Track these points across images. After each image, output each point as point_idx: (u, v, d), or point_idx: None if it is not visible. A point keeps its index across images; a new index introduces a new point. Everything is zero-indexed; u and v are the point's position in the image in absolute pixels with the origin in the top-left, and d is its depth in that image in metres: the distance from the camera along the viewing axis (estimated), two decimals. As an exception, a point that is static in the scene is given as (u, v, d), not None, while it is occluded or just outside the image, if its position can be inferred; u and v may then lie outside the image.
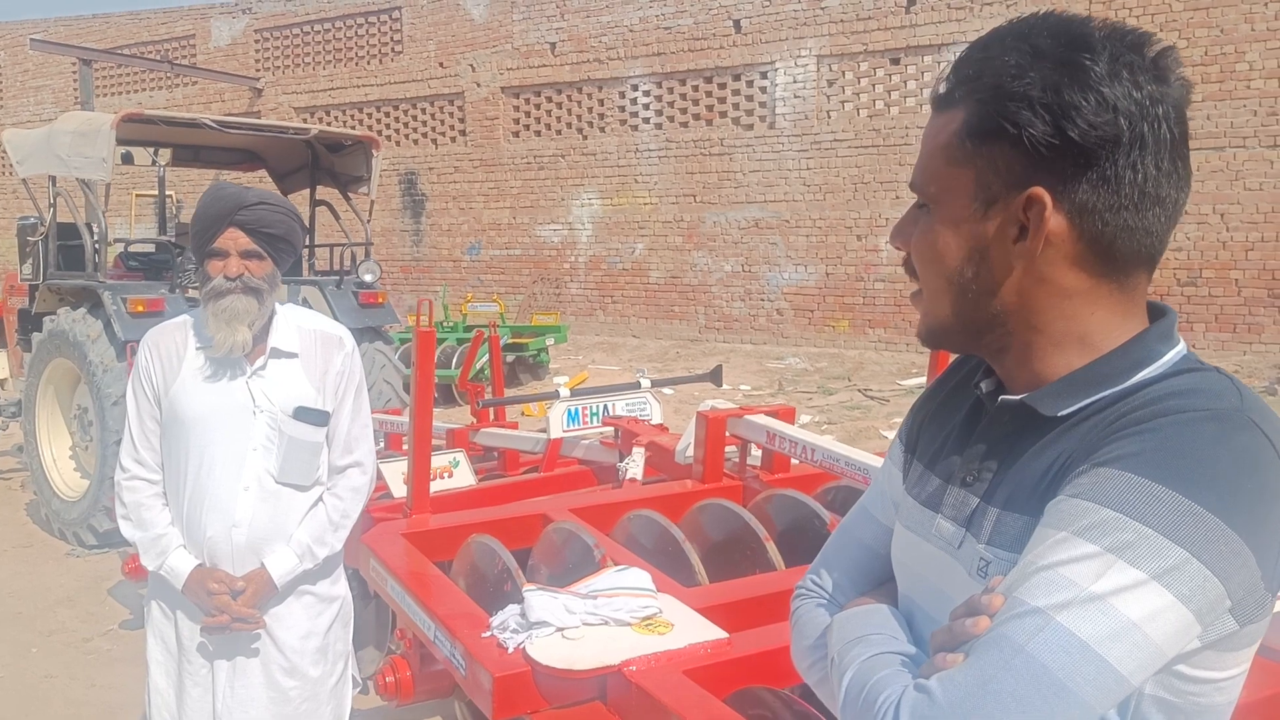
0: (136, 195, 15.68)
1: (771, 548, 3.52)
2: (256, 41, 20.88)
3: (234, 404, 2.70)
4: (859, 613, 1.26)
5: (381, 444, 6.06)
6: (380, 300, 8.13)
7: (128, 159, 9.12)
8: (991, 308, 1.14)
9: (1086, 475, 1.02)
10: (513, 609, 2.86)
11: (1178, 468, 0.98)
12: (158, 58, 20.72)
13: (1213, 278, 12.63)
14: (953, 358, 1.37)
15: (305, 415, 2.73)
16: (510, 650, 2.68)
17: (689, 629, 2.77)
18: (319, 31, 20.09)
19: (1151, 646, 0.96)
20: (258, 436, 2.70)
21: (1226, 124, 12.41)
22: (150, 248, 9.51)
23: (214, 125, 7.74)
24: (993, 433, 1.19)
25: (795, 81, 15.22)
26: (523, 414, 10.40)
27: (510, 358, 13.07)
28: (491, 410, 6.33)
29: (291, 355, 2.77)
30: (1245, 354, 12.30)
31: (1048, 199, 1.07)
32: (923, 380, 11.18)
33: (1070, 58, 1.06)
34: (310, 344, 2.81)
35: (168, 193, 9.88)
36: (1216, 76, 12.44)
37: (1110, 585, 0.95)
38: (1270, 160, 12.19)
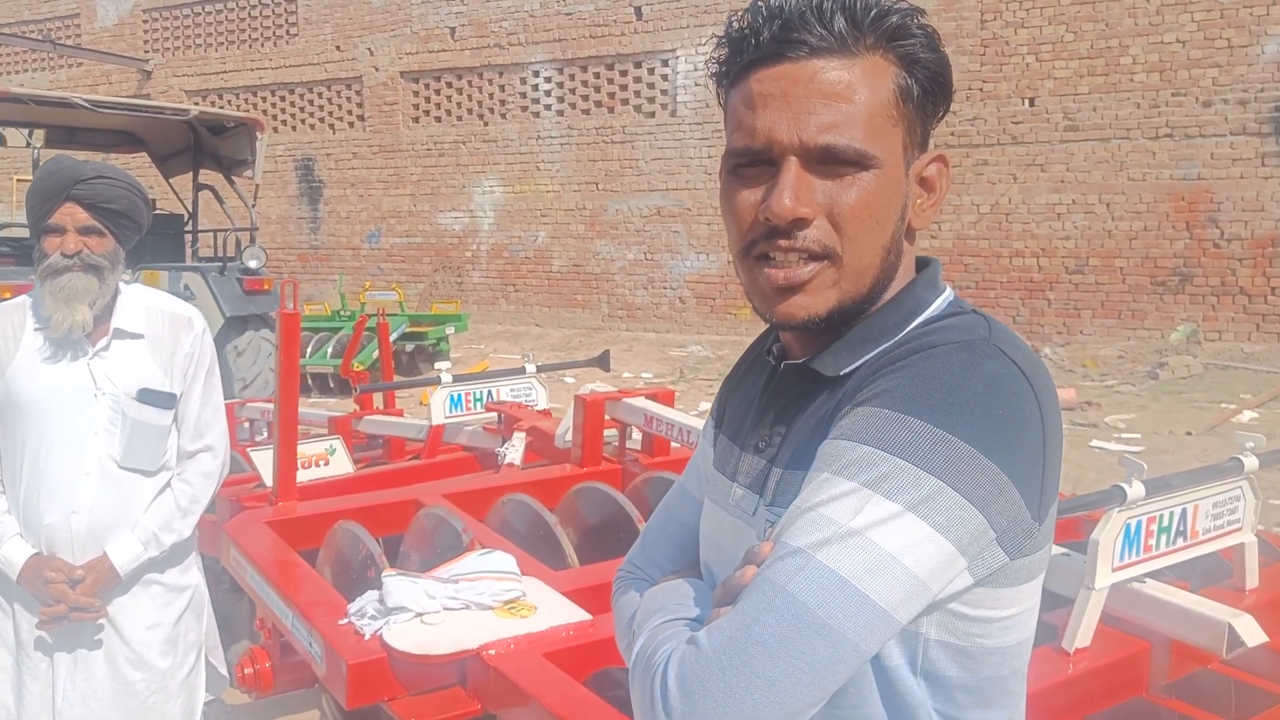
0: (18, 180, 15.10)
1: (645, 530, 3.50)
2: (145, 22, 20.26)
3: (74, 386, 2.59)
4: (664, 588, 1.25)
5: (265, 434, 5.92)
6: (266, 287, 7.95)
7: (-1, 140, 8.77)
8: (892, 271, 1.12)
9: (848, 417, 1.03)
10: (371, 595, 2.80)
11: (929, 399, 0.99)
12: (39, 37, 19.94)
13: (1099, 265, 13.01)
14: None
15: (150, 398, 2.63)
16: (367, 637, 2.64)
17: (552, 611, 2.75)
18: (210, 12, 19.57)
19: (912, 579, 0.95)
20: (99, 419, 2.59)
21: (1111, 116, 12.77)
22: (25, 233, 9.15)
23: (87, 105, 7.48)
24: (781, 398, 1.19)
25: (696, 69, 15.26)
26: (420, 403, 10.27)
27: (410, 347, 12.90)
28: (381, 398, 6.22)
29: (137, 336, 2.67)
30: (1129, 339, 12.70)
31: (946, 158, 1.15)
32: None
33: (918, 18, 1.09)
34: (158, 325, 2.72)
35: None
36: (1101, 69, 12.80)
37: (867, 519, 0.95)
38: (1152, 151, 12.58)
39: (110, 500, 2.61)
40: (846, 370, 1.11)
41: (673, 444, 4.34)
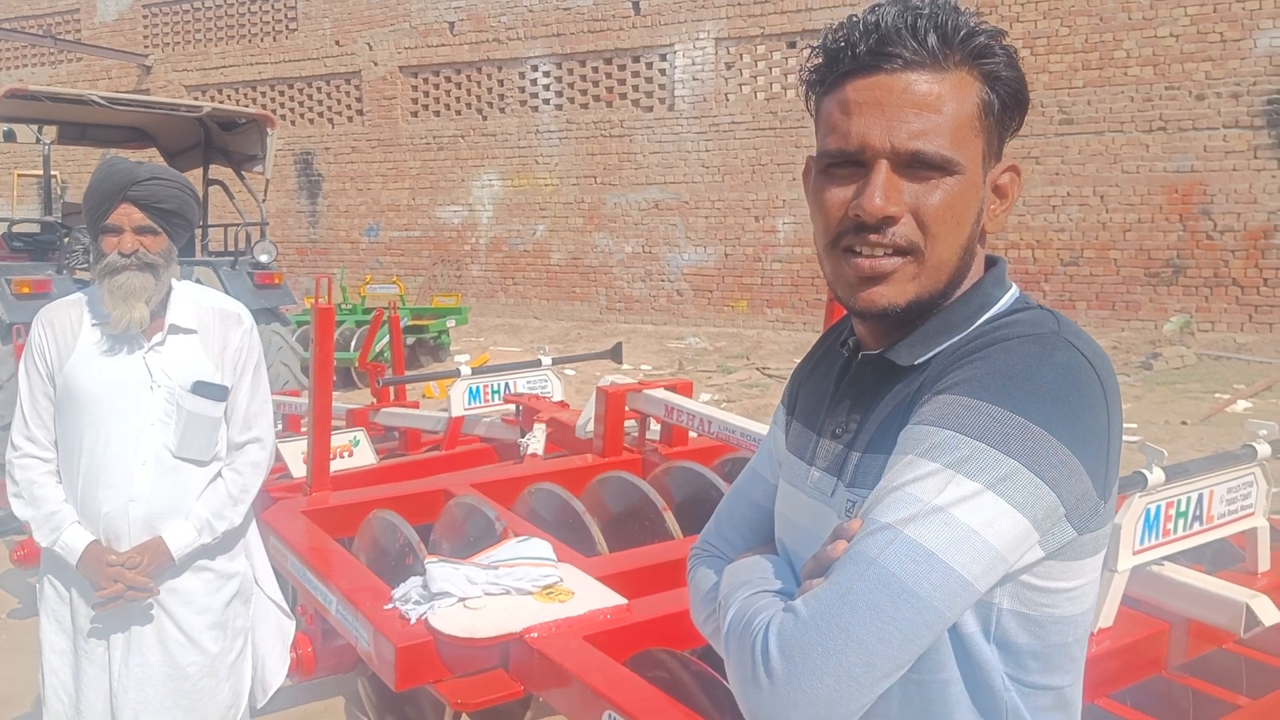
0: (18, 175, 15.11)
1: (670, 517, 3.60)
2: (145, 17, 20.22)
3: (131, 379, 2.67)
4: (744, 563, 1.34)
5: (280, 426, 6.00)
6: (276, 281, 8.01)
7: (10, 137, 8.82)
8: (966, 269, 1.22)
9: (928, 404, 1.13)
10: (414, 581, 2.89)
11: (1005, 387, 1.09)
12: (39, 32, 19.88)
13: (1093, 257, 13.12)
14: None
15: (204, 390, 2.71)
16: (412, 621, 2.72)
17: (589, 596, 2.83)
18: (210, 7, 19.54)
19: (992, 552, 1.05)
20: (155, 411, 2.68)
21: (1105, 109, 12.87)
22: (35, 228, 9.19)
23: (103, 102, 7.51)
24: (857, 386, 1.28)
25: (694, 64, 15.32)
26: (424, 395, 10.35)
27: (411, 340, 12.94)
28: (392, 390, 6.31)
29: (190, 331, 2.76)
30: (1123, 330, 12.81)
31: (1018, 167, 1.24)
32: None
33: (1001, 39, 1.18)
34: (209, 320, 2.80)
35: (52, 172, 9.55)
36: (1096, 63, 12.89)
37: (951, 497, 1.05)
38: (1146, 144, 12.69)
39: (166, 489, 2.69)
40: (920, 360, 1.20)
41: (691, 434, 4.44)
